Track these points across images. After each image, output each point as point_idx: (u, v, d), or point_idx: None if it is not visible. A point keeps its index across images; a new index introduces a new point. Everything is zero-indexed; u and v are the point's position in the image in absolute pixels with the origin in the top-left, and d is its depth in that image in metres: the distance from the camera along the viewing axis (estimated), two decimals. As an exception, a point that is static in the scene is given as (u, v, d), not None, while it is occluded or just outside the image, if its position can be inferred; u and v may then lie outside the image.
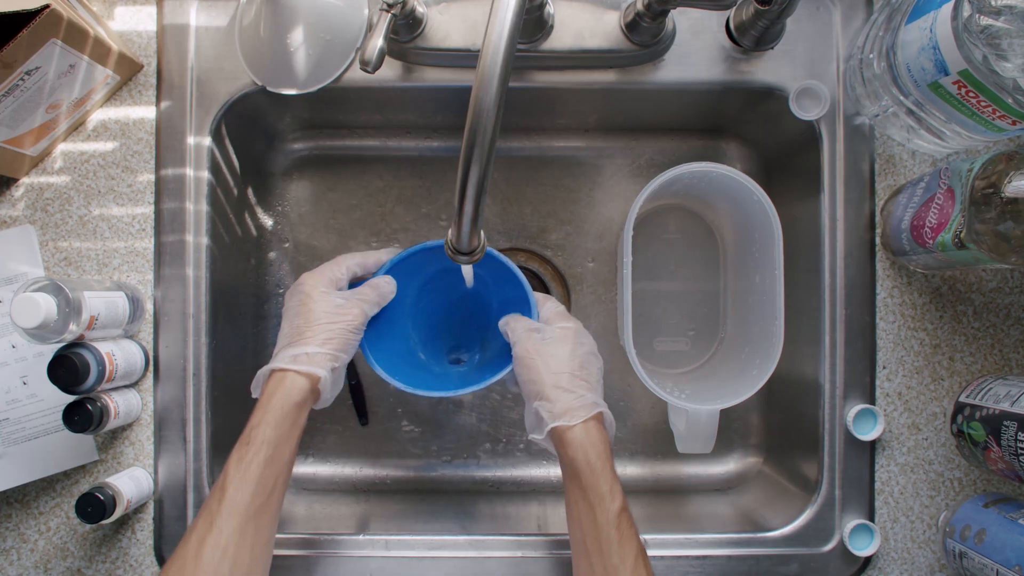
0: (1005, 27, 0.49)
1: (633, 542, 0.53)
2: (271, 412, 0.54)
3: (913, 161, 0.68)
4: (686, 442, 0.65)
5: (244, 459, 0.53)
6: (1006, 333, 0.68)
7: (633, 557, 0.53)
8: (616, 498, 0.54)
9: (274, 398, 0.55)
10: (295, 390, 0.55)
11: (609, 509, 0.53)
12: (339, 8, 0.67)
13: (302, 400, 0.56)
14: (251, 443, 0.53)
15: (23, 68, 0.58)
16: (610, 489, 0.54)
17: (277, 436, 0.54)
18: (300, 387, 0.56)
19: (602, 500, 0.53)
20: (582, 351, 0.60)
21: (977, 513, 0.63)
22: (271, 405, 0.55)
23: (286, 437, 0.54)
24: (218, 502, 0.51)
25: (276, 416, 0.54)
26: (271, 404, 0.55)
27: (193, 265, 0.68)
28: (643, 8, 0.62)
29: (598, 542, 0.53)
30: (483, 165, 0.44)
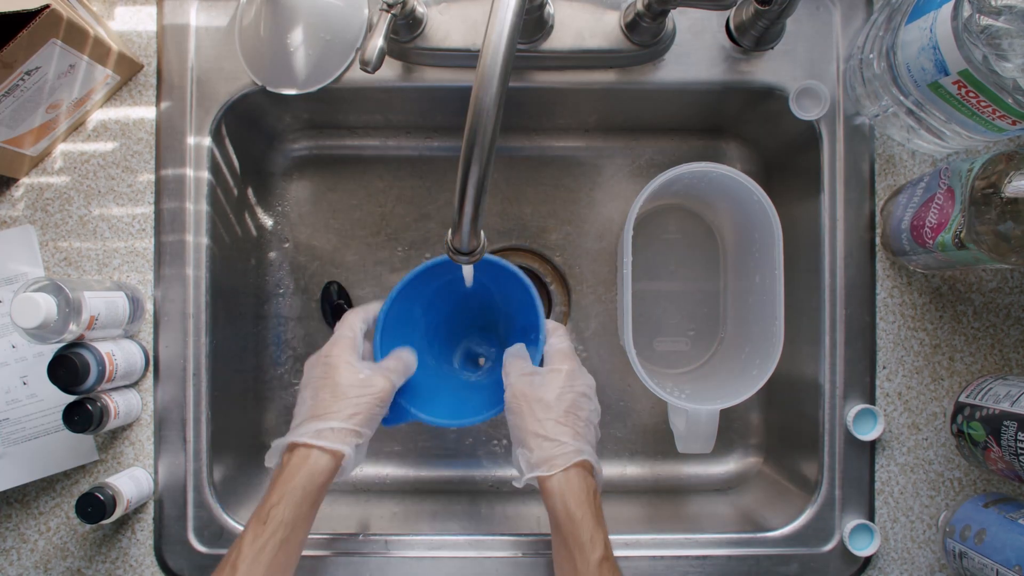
0: (1005, 27, 0.49)
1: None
2: (292, 492, 0.52)
3: (913, 161, 0.68)
4: (686, 442, 0.65)
5: (259, 539, 0.51)
6: (1006, 333, 0.68)
7: None
8: (597, 548, 0.52)
9: (296, 477, 0.53)
10: (318, 470, 0.53)
11: (589, 559, 0.52)
12: (339, 8, 0.67)
13: (325, 481, 0.54)
14: (268, 522, 0.51)
15: (23, 68, 0.58)
16: (591, 538, 0.52)
17: (295, 517, 0.52)
18: (324, 466, 0.53)
19: (582, 550, 0.52)
20: (571, 394, 0.57)
21: (977, 513, 0.63)
22: (292, 484, 0.52)
23: (304, 518, 0.53)
24: None
25: (297, 497, 0.52)
26: (292, 483, 0.52)
27: (193, 265, 0.68)
28: (643, 8, 0.62)
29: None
30: (483, 165, 0.44)
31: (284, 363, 0.82)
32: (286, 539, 0.51)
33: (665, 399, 0.63)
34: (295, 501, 0.52)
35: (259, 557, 0.50)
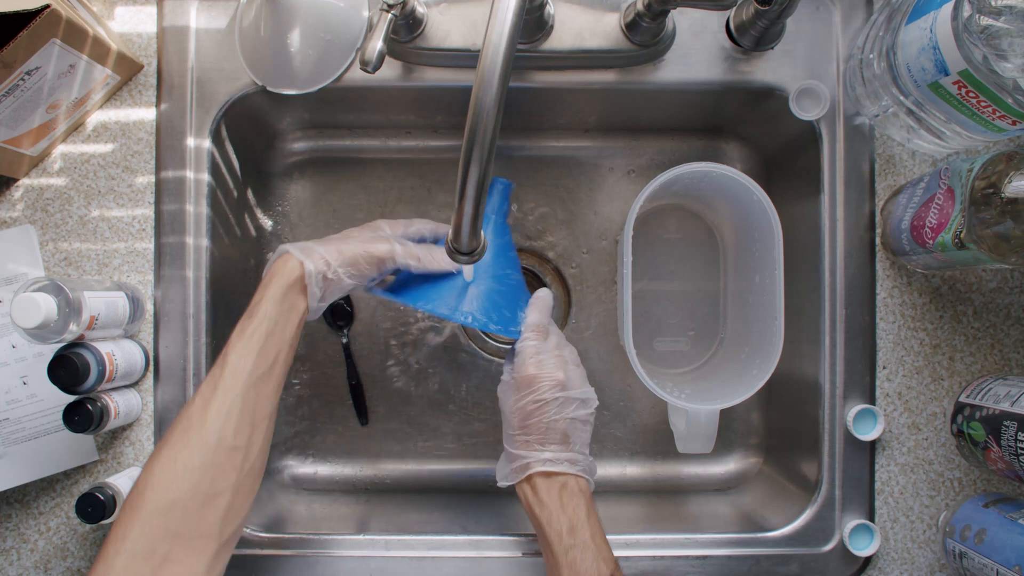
0: (1005, 27, 0.49)
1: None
2: (270, 290, 0.57)
3: (913, 161, 0.68)
4: (686, 442, 0.65)
5: (246, 331, 0.55)
6: (1006, 333, 0.68)
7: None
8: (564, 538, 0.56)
9: (273, 279, 0.58)
10: (288, 271, 0.58)
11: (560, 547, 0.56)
12: (339, 8, 0.67)
13: (294, 276, 0.58)
14: (253, 317, 0.56)
15: (23, 68, 0.58)
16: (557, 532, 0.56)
17: (277, 312, 0.56)
18: (293, 269, 0.58)
19: (558, 540, 0.56)
20: (529, 404, 0.59)
21: (977, 513, 0.63)
22: (270, 284, 0.58)
23: (285, 316, 0.57)
24: (221, 368, 0.54)
25: (276, 294, 0.57)
26: (270, 284, 0.58)
27: (193, 266, 0.68)
28: (643, 8, 0.62)
29: None
30: (483, 165, 0.44)
31: (284, 363, 0.82)
32: (271, 331, 0.56)
33: (665, 399, 0.63)
34: (275, 298, 0.57)
35: (248, 345, 0.55)
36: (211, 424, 0.52)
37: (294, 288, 0.58)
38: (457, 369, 0.83)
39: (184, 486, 0.50)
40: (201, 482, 0.50)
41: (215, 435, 0.52)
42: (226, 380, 0.53)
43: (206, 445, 0.51)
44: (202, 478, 0.50)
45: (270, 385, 0.56)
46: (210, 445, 0.51)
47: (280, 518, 0.73)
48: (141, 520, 0.48)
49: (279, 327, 0.56)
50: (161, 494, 0.49)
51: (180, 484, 0.50)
